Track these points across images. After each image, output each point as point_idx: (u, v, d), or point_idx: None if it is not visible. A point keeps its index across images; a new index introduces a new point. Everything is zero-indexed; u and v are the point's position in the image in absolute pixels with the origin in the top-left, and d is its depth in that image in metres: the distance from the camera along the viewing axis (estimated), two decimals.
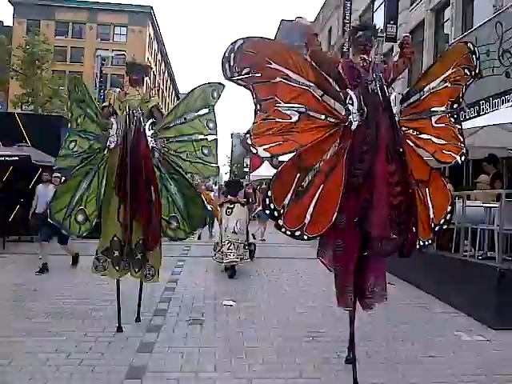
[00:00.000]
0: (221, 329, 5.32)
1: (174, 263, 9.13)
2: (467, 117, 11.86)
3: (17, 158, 10.65)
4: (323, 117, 3.88)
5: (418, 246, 4.03)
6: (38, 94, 27.80)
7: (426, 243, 4.15)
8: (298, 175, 3.79)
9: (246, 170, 50.39)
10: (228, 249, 8.32)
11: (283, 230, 3.79)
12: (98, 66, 28.12)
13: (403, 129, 4.06)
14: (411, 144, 4.08)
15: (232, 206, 8.74)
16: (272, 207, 3.75)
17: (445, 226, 4.24)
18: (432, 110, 4.22)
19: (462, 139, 4.30)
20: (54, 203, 5.17)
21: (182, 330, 5.23)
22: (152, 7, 51.81)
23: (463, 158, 4.24)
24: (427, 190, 4.08)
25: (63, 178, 7.16)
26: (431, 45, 16.81)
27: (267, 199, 3.77)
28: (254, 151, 3.77)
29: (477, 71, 4.37)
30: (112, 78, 46.08)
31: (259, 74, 3.76)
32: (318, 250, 4.26)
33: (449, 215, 4.21)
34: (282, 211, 3.76)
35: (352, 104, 3.85)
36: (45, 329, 5.08)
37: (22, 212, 11.42)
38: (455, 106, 4.34)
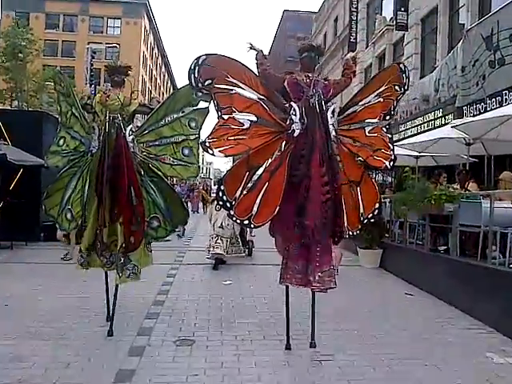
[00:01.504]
0: (214, 351, 4.82)
1: (165, 272, 8.65)
2: (488, 108, 11.35)
3: None
4: (270, 125, 4.78)
5: (347, 235, 5.19)
6: (22, 89, 27.35)
7: (355, 233, 5.26)
8: (247, 173, 4.72)
9: None
10: (216, 242, 9.47)
11: (234, 218, 4.78)
12: (88, 60, 27.59)
13: (340, 137, 5.02)
14: (346, 150, 5.07)
15: None
16: (225, 199, 4.69)
17: (372, 220, 5.35)
18: (366, 121, 5.13)
19: (391, 147, 5.26)
20: (47, 200, 5.59)
21: (168, 352, 4.75)
22: None
23: (391, 164, 5.22)
24: (359, 188, 5.11)
25: None
26: (445, 33, 16.25)
27: (220, 192, 4.70)
28: (211, 152, 4.57)
29: (406, 87, 5.34)
30: (105, 72, 45.65)
31: (218, 85, 4.58)
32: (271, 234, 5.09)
33: (376, 211, 5.26)
34: (233, 203, 4.69)
35: (295, 115, 4.80)
36: (6, 352, 4.60)
37: (2, 216, 11.05)
38: (387, 117, 5.29)
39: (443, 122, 14.29)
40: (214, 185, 26.26)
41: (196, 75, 4.54)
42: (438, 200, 7.71)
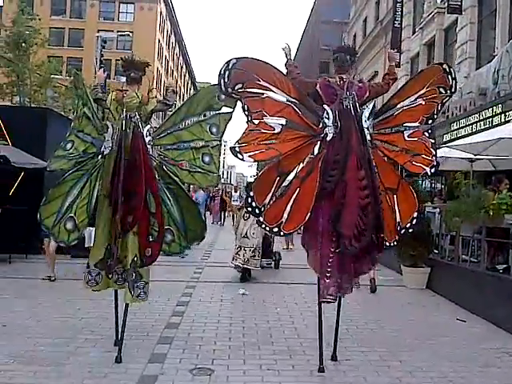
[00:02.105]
0: (235, 383, 4.82)
1: (181, 290, 8.69)
2: None
3: None
4: (302, 129, 5.14)
5: (384, 247, 5.36)
6: (24, 83, 27.95)
7: (392, 244, 5.47)
8: (278, 178, 5.10)
9: None
10: (237, 253, 10.16)
11: (263, 226, 5.18)
12: (98, 50, 28.08)
13: (375, 142, 5.29)
14: (381, 155, 5.35)
15: None
16: (254, 205, 5.07)
17: (410, 230, 5.54)
18: (405, 125, 5.39)
19: (433, 152, 5.44)
20: (44, 207, 5.51)
21: (183, 382, 4.77)
22: None
23: (433, 170, 5.42)
24: (395, 196, 5.36)
25: None
26: (505, 17, 15.97)
27: (249, 198, 5.08)
28: (241, 157, 4.94)
29: (452, 90, 5.57)
30: (117, 64, 46.40)
31: (249, 90, 4.97)
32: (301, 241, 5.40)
33: (414, 220, 5.48)
34: (262, 209, 5.08)
35: (328, 118, 5.14)
36: (8, 379, 4.68)
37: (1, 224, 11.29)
38: (429, 121, 5.53)
39: (503, 120, 14.00)
40: (235, 191, 26.33)
41: (226, 80, 4.91)
42: (498, 210, 7.58)
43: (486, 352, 5.99)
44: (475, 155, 11.31)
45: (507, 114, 14.03)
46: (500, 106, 14.57)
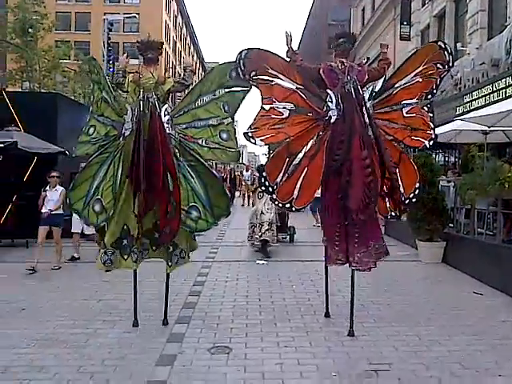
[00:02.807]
0: (253, 360, 4.84)
1: (197, 270, 8.73)
2: None
3: (1, 145, 10.46)
4: (308, 113, 5.66)
5: (389, 216, 6.13)
6: (33, 69, 27.94)
7: (396, 214, 6.04)
8: (287, 159, 5.66)
9: None
10: (253, 231, 10.82)
11: (276, 202, 5.83)
12: (105, 33, 27.98)
13: (376, 121, 5.70)
14: (383, 133, 5.76)
15: None
16: (267, 184, 5.65)
17: (413, 200, 6.03)
18: (403, 102, 5.88)
19: (432, 126, 5.97)
20: (73, 193, 5.70)
21: (202, 361, 4.81)
22: None
23: (431, 143, 6.00)
24: (397, 169, 5.78)
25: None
26: None
27: (262, 178, 5.67)
28: (253, 141, 5.58)
29: (450, 64, 5.96)
30: (125, 46, 46.28)
31: (261, 77, 5.52)
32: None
33: (417, 191, 6.01)
34: (275, 187, 5.65)
35: (331, 101, 5.65)
36: (25, 361, 4.75)
37: (16, 210, 11.39)
38: (429, 96, 5.99)
39: None
40: (247, 170, 26.31)
41: (243, 68, 5.49)
42: None
43: (504, 324, 5.97)
44: (489, 127, 11.15)
45: None
46: None
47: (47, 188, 9.30)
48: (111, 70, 24.62)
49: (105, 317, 6.10)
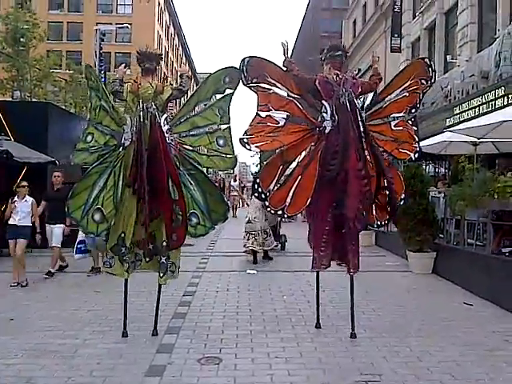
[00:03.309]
0: (244, 371, 4.82)
1: (187, 280, 8.69)
2: None
3: None
4: (303, 122, 5.86)
5: (375, 225, 6.54)
6: (24, 78, 27.89)
7: (383, 223, 6.39)
8: (281, 167, 5.82)
9: None
10: (247, 240, 10.97)
11: (269, 209, 5.97)
12: (97, 43, 27.98)
13: (368, 132, 5.85)
14: (374, 144, 5.91)
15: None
16: (260, 191, 5.79)
17: (398, 210, 6.40)
18: (392, 115, 6.14)
19: (416, 139, 6.25)
20: (72, 201, 5.76)
21: (192, 372, 4.78)
22: None
23: (416, 155, 6.26)
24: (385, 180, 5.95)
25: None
26: None
27: (256, 185, 5.82)
28: (248, 148, 5.72)
29: (432, 80, 6.31)
30: (117, 56, 46.32)
31: (260, 84, 5.72)
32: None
33: (402, 201, 6.32)
34: (268, 194, 5.80)
35: (326, 112, 5.82)
36: (12, 373, 4.70)
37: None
38: (413, 110, 6.25)
39: (506, 102, 13.90)
40: (235, 180, 26.30)
41: (246, 74, 5.68)
42: (503, 193, 7.53)
43: (494, 335, 5.97)
44: (479, 139, 11.22)
45: (510, 96, 13.93)
46: (502, 88, 14.45)
47: (16, 199, 8.80)
48: (103, 79, 24.63)
49: (94, 327, 6.06)
